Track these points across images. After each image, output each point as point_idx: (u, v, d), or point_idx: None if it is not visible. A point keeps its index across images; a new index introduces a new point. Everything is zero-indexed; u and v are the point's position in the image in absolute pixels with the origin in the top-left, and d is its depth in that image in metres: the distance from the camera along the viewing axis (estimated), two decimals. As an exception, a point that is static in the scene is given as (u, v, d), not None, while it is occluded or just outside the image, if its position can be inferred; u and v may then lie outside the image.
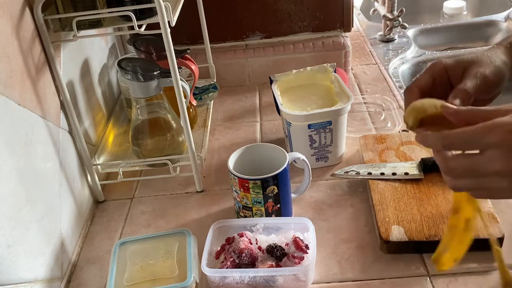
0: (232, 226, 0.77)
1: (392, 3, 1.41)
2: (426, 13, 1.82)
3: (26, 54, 0.71)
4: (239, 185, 0.77)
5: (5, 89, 0.65)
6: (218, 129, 1.10)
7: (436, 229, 0.74)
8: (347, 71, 1.26)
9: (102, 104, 1.02)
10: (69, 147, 0.84)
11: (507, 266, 0.58)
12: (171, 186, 0.94)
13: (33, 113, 0.72)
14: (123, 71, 0.85)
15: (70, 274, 0.78)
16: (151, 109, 0.89)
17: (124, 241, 0.75)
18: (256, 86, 1.27)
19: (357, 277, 0.72)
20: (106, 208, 0.91)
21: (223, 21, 1.23)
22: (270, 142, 0.96)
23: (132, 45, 0.98)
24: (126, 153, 0.97)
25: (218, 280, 0.69)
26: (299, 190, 0.85)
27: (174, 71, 0.79)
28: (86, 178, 0.89)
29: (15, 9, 0.70)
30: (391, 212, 0.77)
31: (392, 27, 1.44)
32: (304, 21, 1.23)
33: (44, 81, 0.76)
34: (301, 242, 0.72)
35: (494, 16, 1.57)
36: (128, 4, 0.75)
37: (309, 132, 0.90)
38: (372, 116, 1.10)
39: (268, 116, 1.13)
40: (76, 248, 0.82)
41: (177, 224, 0.85)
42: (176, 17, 0.81)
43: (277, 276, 0.68)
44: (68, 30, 0.77)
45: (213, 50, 1.23)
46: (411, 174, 0.84)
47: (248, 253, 0.70)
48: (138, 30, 0.75)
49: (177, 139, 0.93)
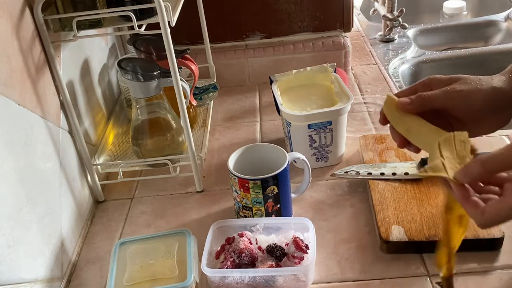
0: (232, 226, 0.77)
1: (392, 3, 1.41)
2: (426, 13, 1.82)
3: (26, 54, 0.71)
4: (239, 185, 0.77)
5: (5, 89, 0.65)
6: (218, 129, 1.10)
7: (436, 229, 0.74)
8: (347, 71, 1.26)
9: (102, 104, 1.02)
10: (69, 147, 0.84)
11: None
12: (171, 186, 0.94)
13: (33, 113, 0.72)
14: (123, 71, 0.85)
15: (70, 274, 0.78)
16: (151, 109, 0.89)
17: (124, 241, 0.75)
18: (256, 86, 1.27)
19: (357, 277, 0.72)
20: (106, 208, 0.91)
21: (223, 21, 1.23)
22: (270, 142, 0.96)
23: (132, 45, 0.98)
24: (126, 153, 0.97)
25: (218, 280, 0.69)
26: (299, 190, 0.85)
27: (174, 71, 0.79)
28: (86, 178, 0.89)
29: (15, 9, 0.70)
30: (391, 212, 0.78)
31: (392, 27, 1.44)
32: (304, 21, 1.23)
33: (44, 81, 0.76)
34: (301, 242, 0.72)
35: (494, 16, 1.57)
36: (128, 4, 0.75)
37: (309, 132, 0.90)
38: (372, 116, 1.10)
39: (268, 116, 1.13)
40: (76, 248, 0.82)
41: (177, 224, 0.85)
42: (176, 17, 0.81)
43: (277, 276, 0.68)
44: (68, 30, 0.77)
45: (213, 50, 1.23)
46: (411, 174, 0.84)
47: (248, 253, 0.70)
48: (138, 30, 0.75)
49: (177, 139, 0.93)
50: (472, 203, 0.50)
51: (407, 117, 0.59)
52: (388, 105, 0.60)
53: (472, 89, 0.57)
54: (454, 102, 0.57)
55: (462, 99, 0.57)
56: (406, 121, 0.59)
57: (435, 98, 0.57)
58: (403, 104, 0.58)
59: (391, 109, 0.60)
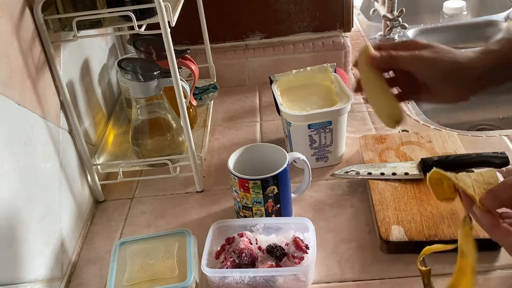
0: (232, 226, 0.77)
1: (392, 3, 1.40)
2: (426, 13, 1.81)
3: (26, 54, 0.71)
4: (239, 185, 0.77)
5: (5, 89, 0.65)
6: (218, 129, 1.10)
7: (436, 229, 0.74)
8: (347, 71, 1.26)
9: (102, 104, 1.02)
10: (69, 147, 0.84)
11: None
12: (171, 186, 0.94)
13: (33, 113, 0.72)
14: (123, 71, 0.85)
15: (70, 274, 0.78)
16: (151, 109, 0.89)
17: (124, 241, 0.75)
18: (256, 86, 1.27)
19: (357, 277, 0.72)
20: (106, 208, 0.91)
21: (223, 21, 1.23)
22: (270, 142, 0.96)
23: (132, 45, 0.98)
24: (126, 153, 0.97)
25: (218, 280, 0.69)
26: (299, 190, 0.85)
27: (174, 71, 0.79)
28: (86, 178, 0.89)
29: (15, 9, 0.70)
30: (391, 212, 0.78)
31: (392, 27, 1.44)
32: (304, 21, 1.23)
33: (44, 81, 0.76)
34: (301, 242, 0.72)
35: (494, 16, 1.57)
36: (128, 4, 0.75)
37: (309, 132, 0.90)
38: (372, 116, 1.10)
39: (268, 116, 1.13)
40: (76, 248, 0.82)
41: (177, 224, 0.85)
42: (176, 17, 0.81)
43: (277, 276, 0.68)
44: (68, 30, 0.77)
45: (213, 50, 1.23)
46: (411, 174, 0.84)
47: (248, 253, 0.70)
48: (138, 30, 0.75)
49: (177, 139, 0.93)
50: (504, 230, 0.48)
51: (372, 70, 0.63)
52: (363, 54, 0.63)
53: (436, 58, 0.59)
54: (418, 67, 0.60)
55: (425, 66, 0.59)
56: (368, 72, 0.63)
57: (402, 59, 0.60)
58: (372, 58, 0.61)
59: (363, 58, 0.63)
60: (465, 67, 0.58)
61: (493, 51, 0.59)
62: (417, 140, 0.94)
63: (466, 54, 0.59)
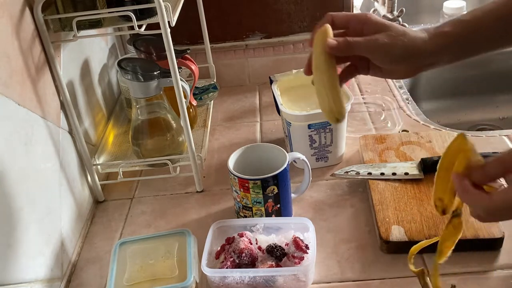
0: (232, 226, 0.77)
1: (392, 3, 1.40)
2: (426, 13, 1.81)
3: (26, 54, 0.71)
4: (239, 185, 0.77)
5: (5, 89, 0.65)
6: (218, 129, 1.10)
7: (436, 229, 0.74)
8: (347, 71, 1.26)
9: (102, 104, 1.02)
10: (69, 147, 0.84)
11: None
12: (171, 186, 0.94)
13: (33, 113, 0.72)
14: (123, 71, 0.85)
15: (70, 274, 0.78)
16: (151, 109, 0.89)
17: (124, 241, 0.75)
18: (256, 86, 1.27)
19: (357, 277, 0.72)
20: (106, 208, 0.91)
21: (223, 21, 1.23)
22: (270, 142, 0.96)
23: (132, 45, 0.98)
24: (126, 153, 0.97)
25: (218, 280, 0.69)
26: (299, 190, 0.85)
27: (174, 71, 0.79)
28: (86, 178, 0.89)
29: (15, 9, 0.70)
30: (391, 212, 0.78)
31: (392, 27, 1.44)
32: (304, 21, 1.23)
33: (44, 81, 0.76)
34: (301, 242, 0.72)
35: (494, 16, 1.57)
36: (128, 4, 0.75)
37: (309, 132, 0.90)
38: (372, 116, 1.10)
39: (268, 116, 1.13)
40: (76, 248, 0.82)
41: (177, 224, 0.85)
42: (176, 17, 0.81)
43: (277, 276, 0.68)
44: (68, 30, 0.77)
45: (213, 50, 1.23)
46: (411, 174, 0.84)
47: (248, 253, 0.70)
48: (138, 30, 0.75)
49: (177, 139, 0.93)
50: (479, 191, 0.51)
51: (326, 58, 0.62)
52: (320, 36, 0.63)
53: (391, 44, 0.59)
54: (373, 53, 0.61)
55: (380, 52, 0.60)
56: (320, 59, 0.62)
57: (358, 46, 0.60)
58: (329, 46, 0.61)
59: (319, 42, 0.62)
60: (418, 50, 0.60)
61: (446, 33, 0.60)
62: (417, 140, 0.94)
63: (420, 36, 0.60)
